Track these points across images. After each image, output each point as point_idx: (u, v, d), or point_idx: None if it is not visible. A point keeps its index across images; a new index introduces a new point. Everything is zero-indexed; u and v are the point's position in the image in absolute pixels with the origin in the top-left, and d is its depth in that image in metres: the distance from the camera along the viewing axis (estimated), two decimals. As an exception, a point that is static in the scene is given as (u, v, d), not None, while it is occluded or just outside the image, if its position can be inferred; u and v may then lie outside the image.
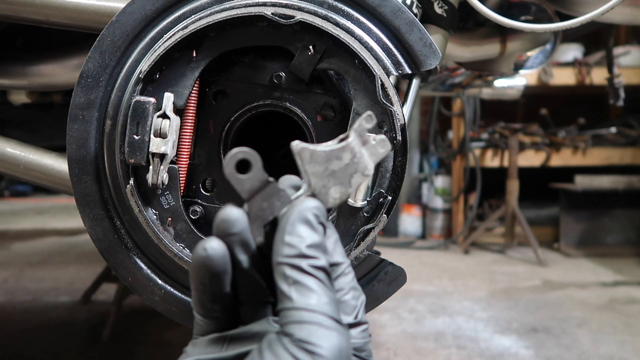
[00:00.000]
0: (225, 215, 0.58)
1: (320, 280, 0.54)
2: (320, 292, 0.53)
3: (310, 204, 0.57)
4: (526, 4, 1.67)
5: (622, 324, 2.75)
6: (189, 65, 0.90)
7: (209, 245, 0.57)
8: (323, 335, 0.51)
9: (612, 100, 2.09)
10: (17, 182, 7.53)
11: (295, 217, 0.56)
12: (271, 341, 0.52)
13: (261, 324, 0.60)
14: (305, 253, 0.54)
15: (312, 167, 0.60)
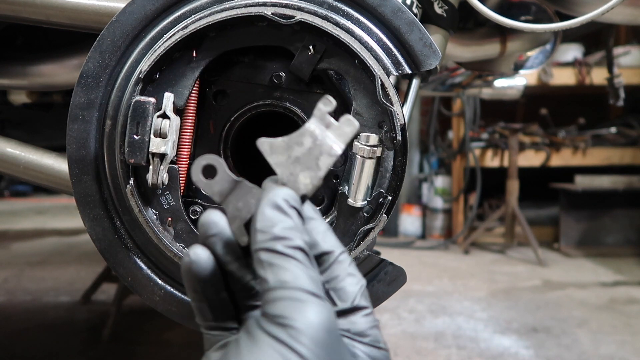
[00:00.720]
0: (203, 219, 0.59)
1: (296, 259, 0.53)
2: (295, 269, 0.52)
3: (279, 191, 0.57)
4: (526, 4, 1.67)
5: (622, 324, 2.75)
6: (189, 65, 0.90)
7: (193, 251, 0.58)
8: (297, 309, 0.50)
9: (612, 100, 2.09)
10: (17, 182, 7.53)
11: (264, 204, 0.56)
12: (249, 325, 0.52)
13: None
14: (277, 235, 0.54)
15: (274, 158, 0.61)
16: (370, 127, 0.89)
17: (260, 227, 0.55)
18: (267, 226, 0.55)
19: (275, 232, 0.54)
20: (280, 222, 0.55)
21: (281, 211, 0.56)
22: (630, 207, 4.77)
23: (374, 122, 0.89)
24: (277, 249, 0.53)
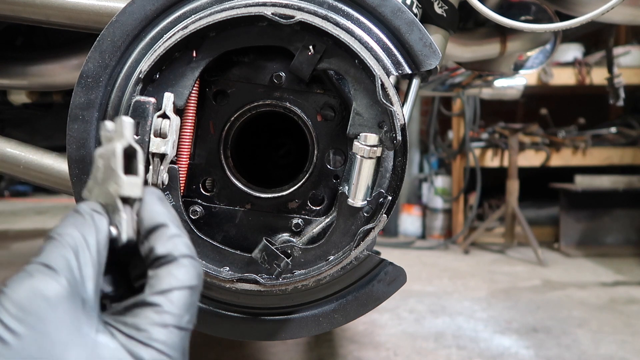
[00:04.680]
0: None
1: (94, 225, 0.57)
2: (47, 250, 0.54)
3: (89, 208, 0.59)
4: (526, 4, 1.67)
5: (622, 324, 2.75)
6: (189, 65, 0.90)
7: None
8: (19, 277, 0.52)
9: (612, 100, 2.09)
10: (17, 182, 7.52)
11: (70, 214, 0.59)
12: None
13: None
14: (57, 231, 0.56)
15: (93, 197, 0.63)
16: (370, 127, 0.89)
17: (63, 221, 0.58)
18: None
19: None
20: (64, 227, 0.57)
21: (80, 213, 0.58)
22: (630, 207, 4.77)
23: (374, 122, 0.89)
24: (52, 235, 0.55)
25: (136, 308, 0.55)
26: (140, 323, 0.53)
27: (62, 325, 0.50)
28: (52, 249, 0.54)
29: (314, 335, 1.35)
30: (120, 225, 0.60)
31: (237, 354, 2.27)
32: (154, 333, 0.53)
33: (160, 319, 0.54)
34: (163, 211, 0.61)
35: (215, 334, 0.99)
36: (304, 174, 0.97)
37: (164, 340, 0.53)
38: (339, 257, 0.92)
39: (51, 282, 0.51)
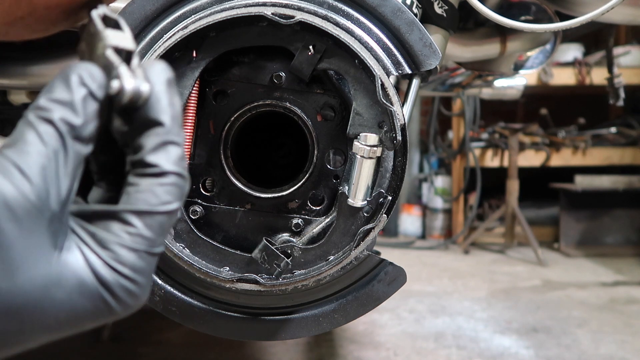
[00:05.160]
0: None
1: (36, 132, 0.46)
2: (25, 142, 0.46)
3: (82, 66, 0.50)
4: (526, 4, 1.67)
5: (622, 324, 2.75)
6: (189, 65, 0.90)
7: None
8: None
9: (612, 100, 2.09)
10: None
11: (57, 74, 0.50)
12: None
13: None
14: (38, 104, 0.48)
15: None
16: (370, 127, 0.89)
17: (41, 93, 0.49)
18: (41, 94, 0.49)
19: (39, 101, 0.48)
20: (51, 93, 0.48)
21: (65, 83, 0.49)
22: (630, 207, 4.77)
23: (374, 122, 0.89)
24: (28, 118, 0.48)
25: (108, 220, 0.49)
26: (109, 240, 0.48)
27: (22, 243, 0.44)
28: (30, 140, 0.46)
29: (314, 335, 1.35)
30: (121, 76, 0.50)
31: (237, 354, 2.27)
32: (123, 255, 0.48)
33: (132, 241, 0.48)
34: (167, 102, 0.51)
35: (215, 334, 0.99)
36: (304, 174, 0.97)
37: (132, 264, 0.48)
38: (339, 257, 0.92)
39: (21, 193, 0.44)
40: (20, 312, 0.45)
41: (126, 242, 0.48)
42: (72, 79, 0.49)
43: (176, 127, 0.51)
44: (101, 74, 0.50)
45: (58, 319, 0.47)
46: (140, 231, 0.48)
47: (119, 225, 0.48)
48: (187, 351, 2.26)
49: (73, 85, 0.48)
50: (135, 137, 0.50)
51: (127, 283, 0.48)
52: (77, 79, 0.49)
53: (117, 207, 0.49)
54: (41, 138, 0.46)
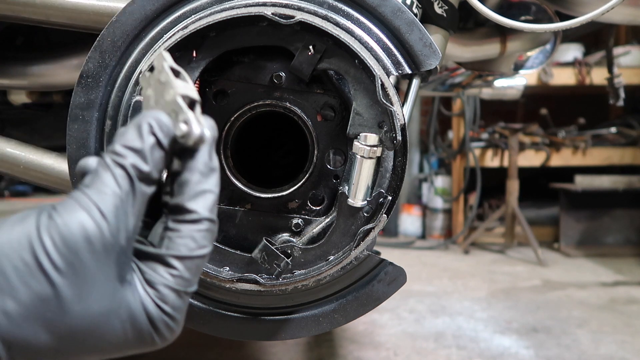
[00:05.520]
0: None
1: (113, 175, 0.54)
2: (103, 183, 0.53)
3: (152, 114, 0.57)
4: (526, 4, 1.67)
5: (622, 324, 2.75)
6: (189, 65, 0.90)
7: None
8: (72, 210, 0.52)
9: (612, 100, 2.09)
10: (17, 182, 7.52)
11: (132, 121, 0.57)
12: (41, 207, 0.54)
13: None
14: (114, 150, 0.55)
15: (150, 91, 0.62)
16: (370, 127, 0.89)
17: (114, 139, 0.56)
18: (116, 140, 0.56)
19: (115, 146, 0.55)
20: (126, 140, 0.55)
21: (137, 131, 0.56)
22: (630, 207, 4.77)
23: (374, 122, 0.89)
24: (105, 160, 0.55)
25: (154, 262, 0.56)
26: (156, 281, 0.55)
27: (96, 274, 0.51)
28: (106, 183, 0.53)
29: (314, 335, 1.35)
30: (189, 121, 0.57)
31: (237, 354, 2.27)
32: (167, 295, 0.55)
33: (175, 282, 0.55)
34: (213, 157, 0.59)
35: (215, 334, 0.99)
36: (304, 174, 0.97)
37: (173, 303, 0.55)
38: (339, 257, 0.92)
39: (99, 230, 0.51)
40: (83, 334, 0.52)
41: (170, 283, 0.55)
42: (144, 128, 0.56)
43: (215, 179, 0.58)
44: (169, 123, 0.57)
45: (110, 343, 0.54)
46: (182, 273, 0.56)
47: (163, 268, 0.56)
48: (187, 351, 2.26)
49: (144, 133, 0.55)
50: (178, 180, 0.58)
51: (168, 320, 0.55)
52: (148, 128, 0.56)
53: (163, 251, 0.56)
54: (116, 181, 0.53)
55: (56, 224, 0.51)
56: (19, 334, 0.49)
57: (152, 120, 0.56)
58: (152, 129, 0.56)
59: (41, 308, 0.50)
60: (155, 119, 0.56)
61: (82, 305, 0.51)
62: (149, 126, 0.56)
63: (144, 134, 0.55)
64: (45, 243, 0.50)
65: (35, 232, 0.50)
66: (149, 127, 0.56)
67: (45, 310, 0.50)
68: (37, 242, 0.50)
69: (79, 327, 0.51)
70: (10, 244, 0.50)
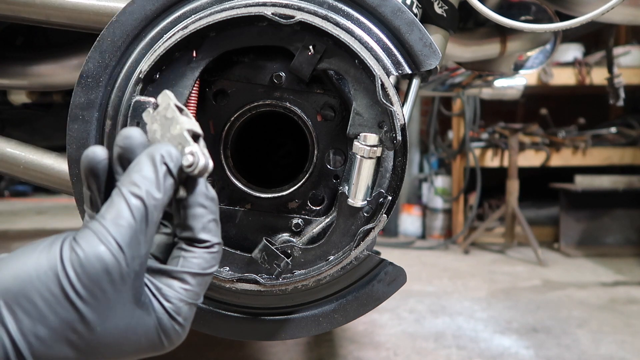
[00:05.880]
0: (125, 130, 0.65)
1: (128, 206, 0.59)
2: (120, 215, 0.58)
3: (163, 147, 0.62)
4: (526, 4, 1.67)
5: (622, 324, 2.75)
6: (189, 65, 0.90)
7: (92, 148, 0.64)
8: (90, 240, 0.57)
9: (612, 100, 2.09)
10: (17, 182, 7.52)
11: (144, 153, 0.62)
12: (63, 237, 0.59)
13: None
14: (131, 180, 0.60)
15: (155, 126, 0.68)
16: (370, 127, 0.89)
17: (128, 169, 0.61)
18: (131, 169, 0.61)
19: (131, 176, 0.60)
20: (141, 170, 0.60)
21: (151, 163, 0.61)
22: (630, 207, 4.77)
23: (374, 122, 0.89)
24: (121, 190, 0.59)
25: (170, 278, 0.62)
26: (172, 296, 0.62)
27: (116, 299, 0.57)
28: (122, 215, 0.58)
29: (314, 335, 1.35)
30: (195, 153, 0.63)
31: (237, 354, 2.27)
32: (181, 307, 0.62)
33: (187, 296, 0.62)
34: (209, 187, 0.66)
35: (216, 334, 0.99)
36: (304, 174, 0.97)
37: (185, 314, 0.63)
38: (339, 257, 0.92)
39: (117, 262, 0.57)
40: (104, 349, 0.58)
41: (183, 297, 0.62)
42: (157, 158, 0.61)
43: (216, 205, 0.66)
44: (178, 154, 0.63)
45: (127, 353, 0.60)
46: (194, 288, 0.63)
47: (178, 284, 0.62)
48: (187, 351, 2.26)
49: (157, 163, 0.61)
50: (187, 209, 0.64)
51: (179, 328, 0.62)
52: (160, 158, 0.61)
53: (179, 269, 0.63)
54: (132, 212, 0.58)
55: (78, 257, 0.56)
56: (50, 353, 0.56)
57: (164, 151, 0.62)
58: (164, 159, 0.61)
59: (68, 331, 0.56)
60: (165, 150, 0.62)
61: (104, 326, 0.57)
62: (162, 157, 0.61)
63: (157, 163, 0.61)
64: (69, 275, 0.56)
65: (60, 265, 0.56)
66: (161, 158, 0.61)
67: (71, 333, 0.56)
68: (62, 275, 0.56)
69: (101, 344, 0.58)
70: (38, 276, 0.56)
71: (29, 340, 0.55)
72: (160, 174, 0.60)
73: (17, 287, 0.55)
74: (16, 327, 0.55)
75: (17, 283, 0.56)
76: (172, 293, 0.62)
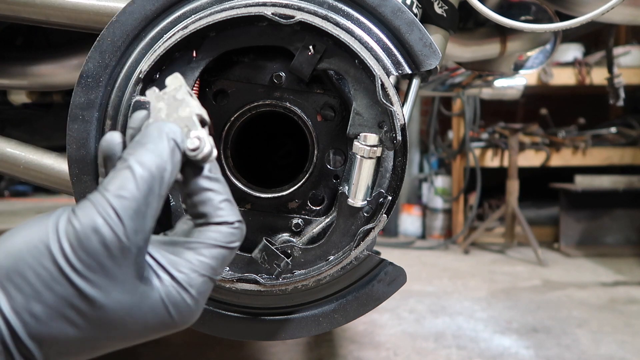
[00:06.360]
0: (138, 113, 0.65)
1: (134, 176, 0.56)
2: (123, 186, 0.55)
3: (167, 124, 0.61)
4: (526, 4, 1.67)
5: (622, 324, 2.75)
6: (189, 65, 0.90)
7: (110, 133, 0.63)
8: (88, 212, 0.54)
9: (612, 100, 2.09)
10: (17, 182, 7.52)
11: (151, 125, 0.61)
12: (61, 210, 0.56)
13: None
14: (138, 149, 0.58)
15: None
16: (370, 127, 0.89)
17: (135, 138, 0.60)
18: (138, 140, 0.59)
19: (137, 148, 0.58)
20: (146, 142, 0.58)
21: (158, 135, 0.59)
22: (630, 207, 4.77)
23: (374, 122, 0.89)
24: (128, 161, 0.56)
25: (183, 249, 0.59)
26: (184, 265, 0.58)
27: (116, 274, 0.54)
28: (126, 186, 0.55)
29: (314, 335, 1.35)
30: (201, 138, 0.61)
31: (237, 353, 2.27)
32: (194, 279, 0.58)
33: (201, 267, 0.59)
34: (214, 168, 0.63)
35: (216, 334, 0.99)
36: (304, 174, 0.97)
37: (198, 287, 0.58)
38: (339, 257, 0.92)
39: (116, 236, 0.53)
40: (107, 327, 0.55)
41: (196, 268, 0.58)
42: (164, 132, 0.59)
43: (224, 185, 0.63)
44: (183, 135, 0.61)
45: (134, 332, 0.57)
46: (209, 261, 0.59)
47: (192, 254, 0.59)
48: (187, 351, 2.26)
49: (165, 137, 0.58)
50: (194, 196, 0.61)
51: (191, 302, 0.58)
52: (168, 134, 0.59)
53: (192, 239, 0.60)
54: (137, 183, 0.55)
55: (74, 229, 0.53)
56: (47, 332, 0.52)
57: (170, 128, 0.60)
58: (171, 134, 0.59)
59: (66, 308, 0.53)
60: (172, 127, 0.60)
61: (104, 302, 0.54)
62: (169, 131, 0.59)
63: (165, 137, 0.58)
64: (64, 248, 0.52)
65: (55, 237, 0.53)
66: (168, 133, 0.59)
67: (70, 309, 0.53)
68: (56, 248, 0.52)
69: (103, 321, 0.54)
70: (28, 249, 0.53)
71: (24, 319, 0.52)
72: (169, 147, 0.58)
73: (9, 263, 0.52)
74: (8, 305, 0.51)
75: (9, 258, 0.53)
76: (183, 263, 0.58)
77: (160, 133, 0.59)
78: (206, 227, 0.60)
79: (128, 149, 0.58)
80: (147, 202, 0.55)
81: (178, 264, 0.58)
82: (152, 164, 0.56)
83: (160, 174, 0.57)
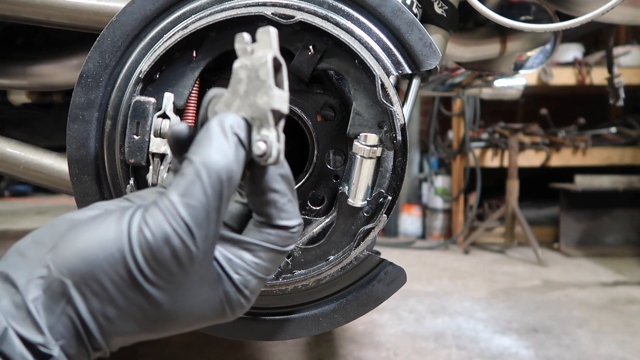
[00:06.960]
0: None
1: (201, 181, 0.55)
2: (191, 194, 0.55)
3: (231, 116, 0.58)
4: (526, 4, 1.67)
5: (622, 324, 2.75)
6: (189, 65, 0.90)
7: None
8: (159, 221, 0.55)
9: (612, 100, 2.09)
10: (17, 182, 7.52)
11: (213, 120, 0.58)
12: (131, 211, 0.57)
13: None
14: (202, 151, 0.57)
15: (233, 109, 0.59)
16: (370, 127, 0.89)
17: (198, 136, 0.58)
18: (201, 139, 0.57)
19: (204, 148, 0.57)
20: (211, 143, 0.57)
21: (223, 133, 0.57)
22: (630, 207, 4.77)
23: (374, 122, 0.89)
24: (195, 164, 0.56)
25: (241, 249, 0.60)
26: (241, 267, 0.59)
27: (184, 280, 0.56)
28: (194, 194, 0.55)
29: (314, 335, 1.35)
30: (269, 142, 0.57)
31: (237, 354, 2.27)
32: (250, 282, 0.60)
33: (258, 270, 0.60)
34: (284, 164, 0.63)
35: (215, 334, 0.99)
36: (303, 173, 0.97)
37: (252, 288, 0.60)
38: (339, 257, 0.92)
39: (185, 246, 0.55)
40: (170, 322, 0.59)
41: (254, 271, 0.60)
42: (227, 128, 0.57)
43: (290, 185, 0.63)
44: (247, 129, 0.58)
45: (190, 324, 0.60)
46: (266, 264, 0.60)
47: (249, 255, 0.60)
48: (187, 351, 2.26)
49: (229, 134, 0.56)
50: (257, 196, 0.61)
51: (244, 301, 0.61)
52: (230, 129, 0.57)
53: (251, 240, 0.60)
54: (204, 189, 0.55)
55: (147, 240, 0.54)
56: (116, 330, 0.57)
57: (233, 121, 0.57)
58: (234, 129, 0.57)
59: (136, 311, 0.56)
60: (236, 121, 0.57)
61: (170, 305, 0.57)
62: (232, 126, 0.57)
63: (228, 134, 0.57)
64: (138, 259, 0.55)
65: (128, 247, 0.55)
66: (230, 127, 0.57)
67: (139, 312, 0.56)
68: (130, 259, 0.55)
69: (167, 320, 0.58)
70: (105, 258, 0.55)
71: (98, 321, 0.55)
72: (232, 145, 0.56)
73: (85, 269, 0.55)
74: (85, 308, 0.55)
75: (86, 264, 0.55)
76: (242, 265, 0.59)
77: (222, 129, 0.57)
78: (266, 228, 0.61)
79: (193, 147, 0.57)
80: (215, 208, 0.56)
81: (236, 266, 0.59)
82: (219, 167, 0.55)
83: (227, 176, 0.56)
